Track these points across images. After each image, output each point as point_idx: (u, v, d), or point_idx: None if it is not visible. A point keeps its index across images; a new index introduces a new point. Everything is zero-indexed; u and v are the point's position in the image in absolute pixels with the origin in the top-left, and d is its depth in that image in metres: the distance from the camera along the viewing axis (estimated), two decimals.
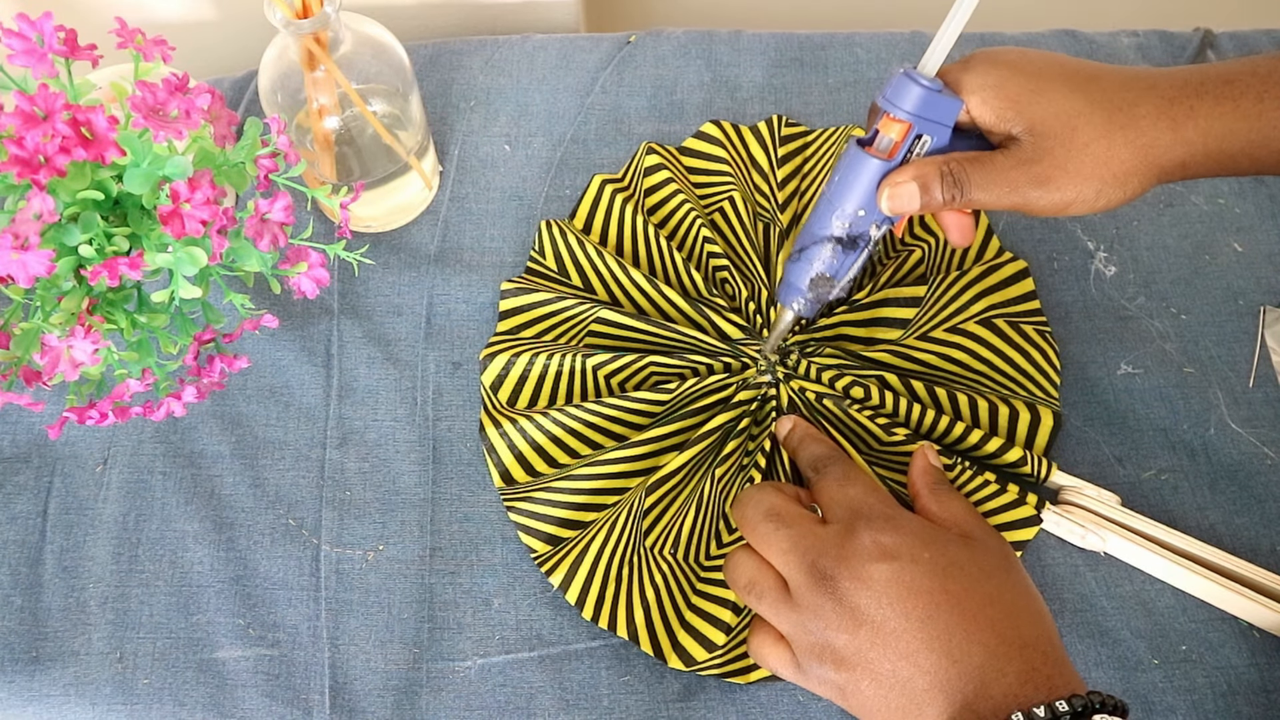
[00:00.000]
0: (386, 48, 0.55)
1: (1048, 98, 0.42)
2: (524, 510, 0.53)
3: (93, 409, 0.46)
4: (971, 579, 0.38)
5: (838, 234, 0.45)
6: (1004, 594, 0.38)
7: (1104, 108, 0.42)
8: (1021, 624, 0.37)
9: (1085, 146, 0.42)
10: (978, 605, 0.37)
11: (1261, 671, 0.50)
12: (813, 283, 0.48)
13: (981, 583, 0.38)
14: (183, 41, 0.50)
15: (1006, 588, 0.39)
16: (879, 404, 0.54)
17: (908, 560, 0.38)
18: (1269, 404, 0.56)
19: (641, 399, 0.54)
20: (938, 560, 0.38)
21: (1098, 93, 0.42)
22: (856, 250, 0.46)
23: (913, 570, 0.38)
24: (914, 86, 0.42)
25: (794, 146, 0.64)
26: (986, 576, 0.38)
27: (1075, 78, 0.43)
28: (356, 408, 0.57)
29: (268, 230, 0.45)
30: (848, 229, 0.45)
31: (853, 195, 0.44)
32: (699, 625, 0.50)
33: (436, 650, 0.51)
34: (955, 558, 0.39)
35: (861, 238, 0.46)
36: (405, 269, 0.60)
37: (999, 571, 0.39)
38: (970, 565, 0.39)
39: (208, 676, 0.50)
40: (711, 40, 0.69)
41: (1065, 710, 0.33)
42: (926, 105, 0.42)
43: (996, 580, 0.39)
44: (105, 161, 0.40)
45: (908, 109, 0.42)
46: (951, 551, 0.39)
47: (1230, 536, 0.53)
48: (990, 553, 0.40)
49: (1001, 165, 0.42)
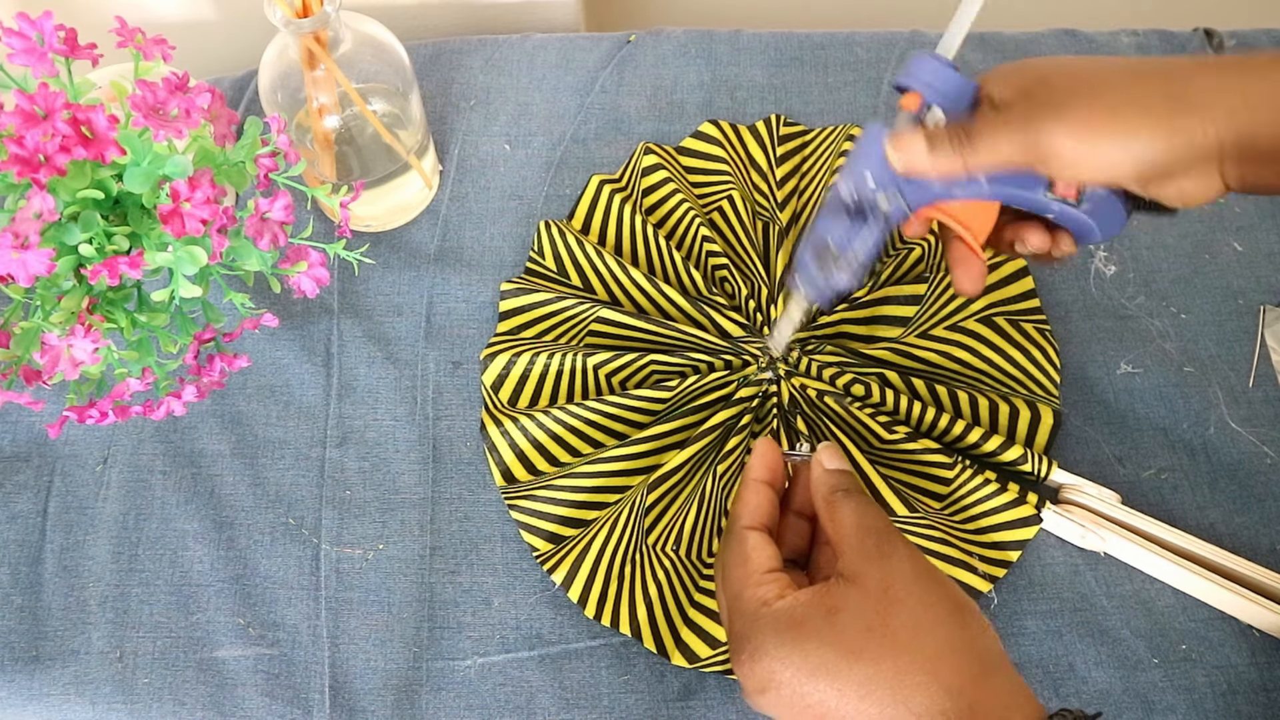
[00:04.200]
0: (386, 47, 0.55)
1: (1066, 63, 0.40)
2: (525, 508, 0.53)
3: (93, 408, 0.46)
4: (840, 666, 0.34)
5: (844, 196, 0.44)
6: (884, 658, 0.34)
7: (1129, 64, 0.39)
8: (911, 688, 0.33)
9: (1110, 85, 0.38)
10: (858, 693, 0.33)
11: (1261, 671, 0.50)
12: (817, 253, 0.46)
13: (855, 663, 0.34)
14: (183, 41, 0.50)
15: (887, 645, 0.34)
16: (879, 402, 0.54)
17: (773, 688, 0.34)
18: (1269, 403, 0.56)
19: (643, 397, 0.54)
20: (801, 668, 0.34)
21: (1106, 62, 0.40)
22: (864, 224, 0.45)
23: (784, 694, 0.34)
24: (927, 61, 0.42)
25: (793, 146, 0.64)
26: (860, 651, 0.34)
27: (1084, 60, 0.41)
28: (356, 407, 0.57)
29: (268, 229, 0.45)
30: (854, 192, 0.44)
31: (861, 158, 0.44)
32: (702, 622, 0.50)
33: (436, 649, 0.51)
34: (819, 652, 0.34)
35: (869, 206, 0.44)
36: (405, 268, 0.60)
37: (876, 626, 0.34)
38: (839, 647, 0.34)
39: (208, 675, 0.50)
40: (711, 40, 0.69)
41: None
42: (937, 76, 0.42)
43: (875, 642, 0.34)
44: (105, 160, 0.40)
45: (920, 79, 0.42)
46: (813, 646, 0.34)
47: (1230, 535, 0.53)
48: (866, 600, 0.35)
49: (1012, 112, 0.39)
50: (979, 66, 0.67)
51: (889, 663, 0.33)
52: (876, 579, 0.35)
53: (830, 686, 0.34)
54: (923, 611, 0.35)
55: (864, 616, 0.34)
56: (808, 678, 0.34)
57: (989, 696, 0.33)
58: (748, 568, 0.38)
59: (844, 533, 0.37)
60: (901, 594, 0.35)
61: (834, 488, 0.39)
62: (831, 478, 0.40)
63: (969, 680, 0.33)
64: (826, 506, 0.39)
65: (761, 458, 0.41)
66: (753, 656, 0.35)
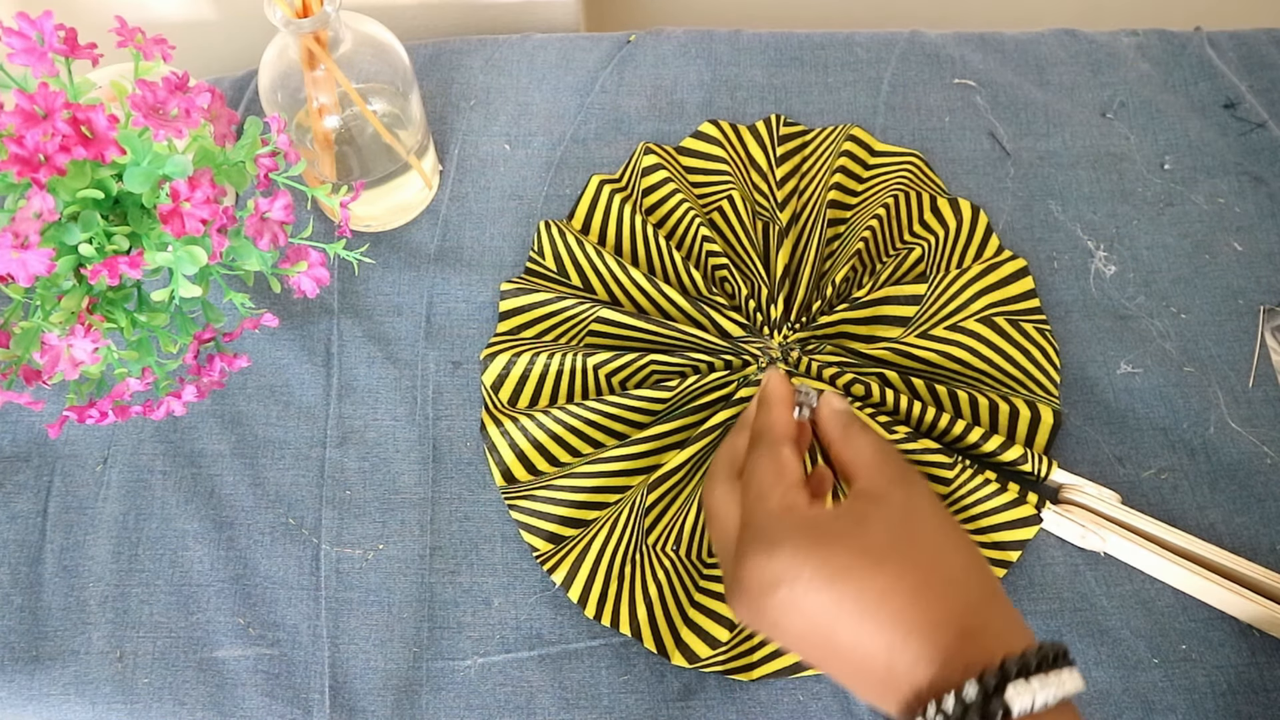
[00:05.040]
0: (386, 47, 0.55)
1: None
2: (525, 508, 0.53)
3: (93, 408, 0.46)
4: (864, 573, 0.34)
5: None
6: (907, 571, 0.34)
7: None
8: (929, 601, 0.34)
9: None
10: (875, 600, 0.34)
11: (1261, 670, 0.50)
12: None
13: (878, 572, 0.34)
14: (183, 40, 0.50)
15: (910, 559, 0.35)
16: (880, 401, 0.54)
17: (787, 584, 0.35)
18: (1269, 403, 0.56)
19: (643, 397, 0.54)
20: (821, 570, 0.34)
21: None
22: None
23: (797, 592, 0.34)
24: None
25: (792, 146, 0.64)
26: (883, 560, 0.35)
27: None
28: (356, 407, 0.57)
29: (268, 229, 0.45)
30: None
31: None
32: (702, 622, 0.50)
33: (436, 649, 0.51)
34: (843, 556, 0.35)
35: None
36: (405, 268, 0.60)
37: (902, 539, 0.35)
38: (866, 555, 0.35)
39: (208, 675, 0.50)
40: (711, 40, 0.69)
41: (973, 696, 0.31)
42: None
43: (899, 554, 0.35)
44: (105, 160, 0.40)
45: None
46: (837, 551, 0.35)
47: (1230, 535, 0.53)
48: (892, 515, 0.36)
49: None
50: (979, 66, 0.67)
51: (911, 576, 0.34)
52: (900, 499, 0.37)
53: (847, 590, 0.34)
54: (942, 535, 0.36)
55: (891, 530, 0.35)
56: (826, 580, 0.34)
57: (996, 618, 0.34)
58: (783, 476, 0.38)
59: (864, 457, 0.39)
60: (924, 515, 0.36)
61: (847, 422, 0.41)
62: (842, 415, 0.41)
63: (981, 600, 0.35)
64: (843, 435, 0.40)
65: (780, 383, 0.42)
66: (770, 552, 0.35)
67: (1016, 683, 0.31)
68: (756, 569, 0.36)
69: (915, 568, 0.35)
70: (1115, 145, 0.65)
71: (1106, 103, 0.66)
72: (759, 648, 0.50)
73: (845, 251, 0.59)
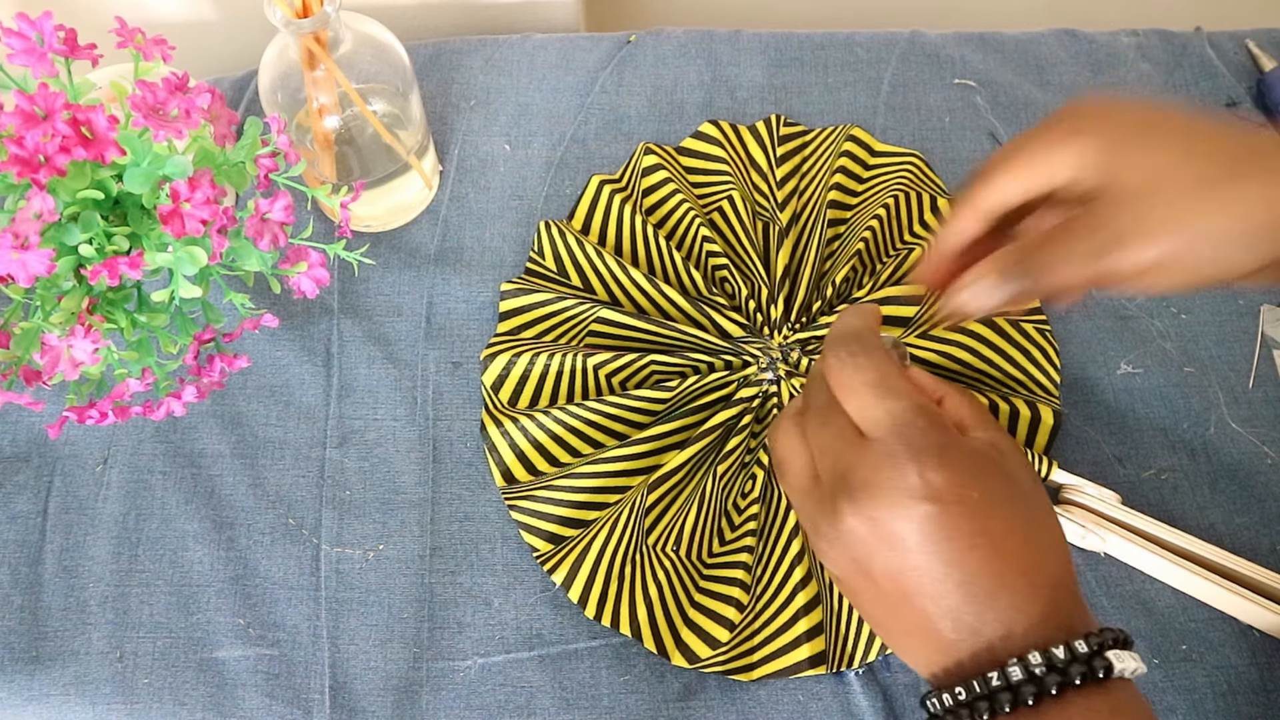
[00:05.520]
0: (386, 47, 0.55)
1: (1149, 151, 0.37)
2: (525, 509, 0.53)
3: (93, 408, 0.46)
4: (1009, 517, 0.35)
5: None
6: (1036, 530, 0.36)
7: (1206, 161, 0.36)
8: (1050, 562, 0.35)
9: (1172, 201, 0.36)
10: (1013, 547, 0.34)
11: (1261, 671, 0.50)
12: None
13: (1018, 521, 0.35)
14: (183, 41, 0.50)
15: (1037, 521, 0.36)
16: None
17: (951, 502, 0.34)
18: (1269, 404, 0.56)
19: (643, 397, 0.54)
20: (982, 500, 0.34)
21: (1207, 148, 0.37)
22: None
23: (955, 512, 0.34)
24: None
25: (792, 146, 0.64)
26: (1022, 512, 0.35)
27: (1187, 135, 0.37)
28: (356, 407, 0.57)
29: (268, 230, 0.45)
30: None
31: None
32: (702, 622, 0.50)
33: (436, 650, 0.51)
34: (997, 494, 0.35)
35: None
36: (405, 268, 0.60)
37: (1033, 503, 0.36)
38: (1010, 501, 0.35)
39: (208, 676, 0.50)
40: (711, 40, 0.69)
41: (1084, 651, 0.33)
42: None
43: (1030, 514, 0.36)
44: (105, 161, 0.40)
45: None
46: (995, 487, 0.35)
47: (1230, 536, 0.53)
48: (1024, 477, 0.37)
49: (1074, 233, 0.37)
50: (979, 66, 0.67)
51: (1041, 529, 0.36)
52: (1017, 454, 0.37)
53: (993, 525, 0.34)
54: (1047, 499, 0.38)
55: (1025, 480, 0.36)
56: (983, 511, 0.34)
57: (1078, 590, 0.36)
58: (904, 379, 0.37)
59: (974, 408, 0.38)
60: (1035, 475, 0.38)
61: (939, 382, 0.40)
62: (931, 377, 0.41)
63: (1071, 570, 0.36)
64: (943, 387, 0.40)
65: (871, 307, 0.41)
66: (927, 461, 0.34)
67: (1116, 650, 0.33)
68: (919, 476, 0.34)
69: (1043, 527, 0.36)
70: None
71: None
72: (759, 648, 0.50)
73: (845, 252, 0.59)
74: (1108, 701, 0.32)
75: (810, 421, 0.38)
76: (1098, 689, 0.33)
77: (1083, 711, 0.32)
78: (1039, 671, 0.32)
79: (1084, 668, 0.32)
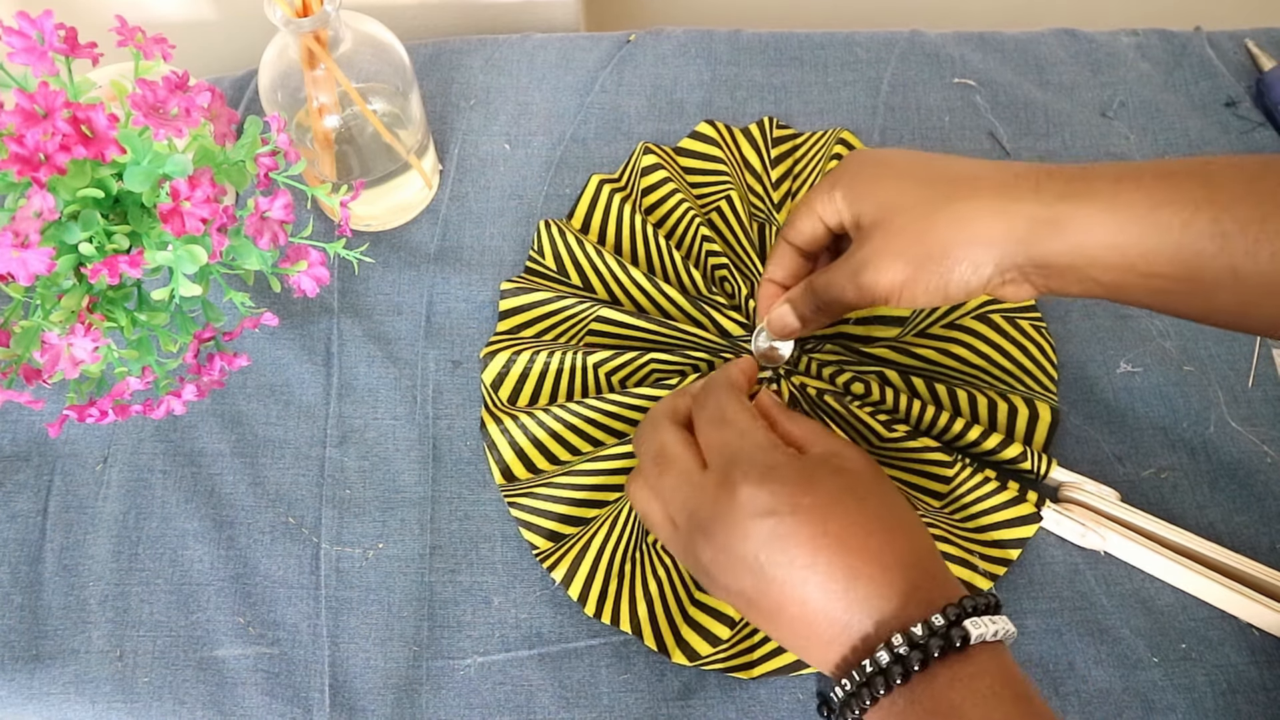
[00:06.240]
0: (386, 46, 0.55)
1: (881, 188, 0.43)
2: (525, 506, 0.53)
3: (93, 407, 0.46)
4: (849, 513, 0.38)
5: None
6: (880, 518, 0.38)
7: (929, 189, 0.42)
8: (899, 545, 0.38)
9: (902, 228, 0.42)
10: (859, 539, 0.37)
11: (1261, 670, 0.50)
12: None
13: (858, 514, 0.38)
14: (183, 40, 0.50)
15: (881, 511, 0.39)
16: (879, 400, 0.54)
17: (786, 513, 0.37)
18: (1268, 402, 0.56)
19: (643, 395, 0.54)
20: (816, 504, 0.38)
21: (931, 178, 0.42)
22: None
23: (792, 521, 0.37)
24: None
25: (785, 149, 0.64)
26: (862, 505, 0.38)
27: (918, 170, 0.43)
28: (356, 406, 0.57)
29: (268, 228, 0.45)
30: None
31: None
32: (702, 620, 0.50)
33: (436, 648, 0.51)
34: (832, 494, 0.38)
35: None
36: (405, 268, 0.60)
37: (872, 495, 0.39)
38: (847, 498, 0.38)
39: (208, 675, 0.50)
40: (711, 40, 0.69)
41: (940, 624, 0.35)
42: None
43: (871, 505, 0.39)
44: (105, 159, 0.40)
45: None
46: (828, 490, 0.39)
47: (1230, 535, 0.53)
48: (861, 475, 0.40)
49: (838, 264, 0.44)
50: (979, 66, 0.67)
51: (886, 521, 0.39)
52: (860, 461, 0.41)
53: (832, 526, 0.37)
54: (896, 493, 0.41)
55: (863, 482, 0.40)
56: (820, 514, 0.38)
57: (940, 567, 0.39)
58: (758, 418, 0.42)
59: (814, 429, 0.43)
60: (882, 475, 0.41)
61: (785, 405, 0.46)
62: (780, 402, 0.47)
63: (930, 550, 0.39)
64: (787, 415, 0.45)
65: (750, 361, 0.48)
66: (764, 482, 0.38)
67: (974, 618, 0.36)
68: (751, 496, 0.38)
69: (888, 515, 0.39)
70: (1115, 145, 0.65)
71: (1106, 102, 0.66)
72: (760, 645, 0.50)
73: None
74: (968, 669, 0.35)
75: (649, 474, 0.43)
76: (959, 657, 0.35)
77: (948, 681, 0.35)
78: (902, 651, 0.35)
79: (942, 640, 0.35)
